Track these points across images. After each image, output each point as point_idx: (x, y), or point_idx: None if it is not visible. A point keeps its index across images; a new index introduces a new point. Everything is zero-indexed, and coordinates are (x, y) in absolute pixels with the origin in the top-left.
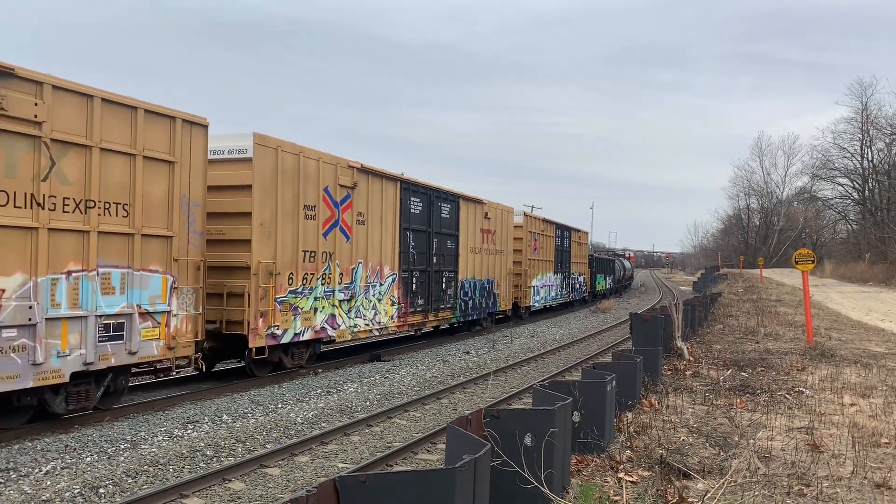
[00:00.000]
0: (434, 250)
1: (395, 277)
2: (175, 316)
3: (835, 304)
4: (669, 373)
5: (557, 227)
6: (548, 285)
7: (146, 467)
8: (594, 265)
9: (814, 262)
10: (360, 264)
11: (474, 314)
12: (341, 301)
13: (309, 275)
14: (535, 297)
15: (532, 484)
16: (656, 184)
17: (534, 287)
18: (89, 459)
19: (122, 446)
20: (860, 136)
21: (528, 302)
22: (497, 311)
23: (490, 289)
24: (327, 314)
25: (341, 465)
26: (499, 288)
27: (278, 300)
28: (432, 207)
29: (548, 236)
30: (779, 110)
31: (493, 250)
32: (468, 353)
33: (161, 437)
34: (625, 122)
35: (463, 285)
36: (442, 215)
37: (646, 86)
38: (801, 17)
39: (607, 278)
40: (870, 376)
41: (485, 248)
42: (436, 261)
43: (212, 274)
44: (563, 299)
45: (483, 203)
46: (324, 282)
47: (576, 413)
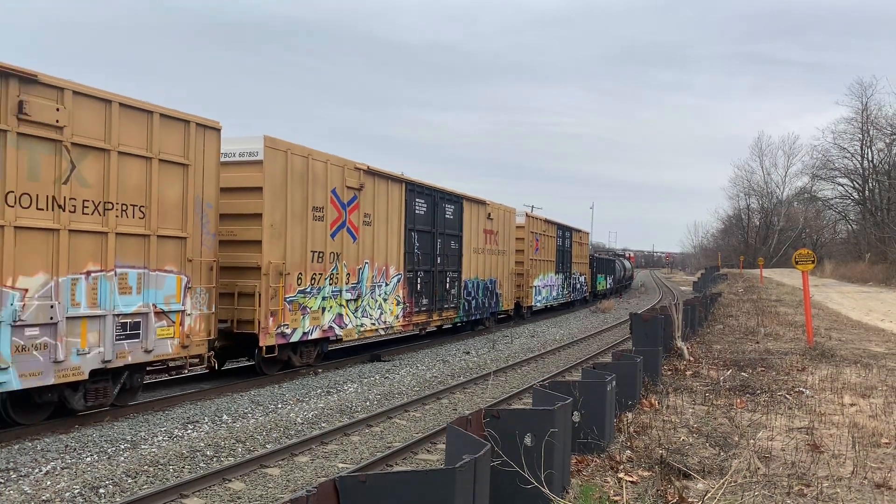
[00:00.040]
0: (438, 251)
1: (400, 277)
2: (189, 315)
3: (835, 304)
4: (669, 373)
5: (559, 228)
6: (549, 285)
7: (146, 467)
8: (595, 265)
9: (814, 262)
10: (367, 264)
11: (477, 314)
12: (348, 301)
13: (317, 275)
14: (537, 296)
15: (532, 484)
16: (656, 184)
17: (536, 287)
18: (89, 459)
19: (122, 446)
20: (860, 136)
21: (530, 302)
22: (500, 310)
23: (493, 289)
24: (335, 314)
25: (341, 465)
26: (501, 288)
27: (288, 300)
28: (437, 208)
29: (549, 237)
30: (779, 110)
31: (496, 250)
32: (468, 353)
33: (161, 437)
34: (625, 122)
35: (466, 285)
36: (446, 216)
37: (646, 86)
38: (801, 17)
39: (608, 278)
40: (870, 376)
41: (488, 249)
42: (440, 261)
43: (223, 274)
44: (564, 299)
45: (486, 204)
46: (331, 282)
47: (576, 413)
